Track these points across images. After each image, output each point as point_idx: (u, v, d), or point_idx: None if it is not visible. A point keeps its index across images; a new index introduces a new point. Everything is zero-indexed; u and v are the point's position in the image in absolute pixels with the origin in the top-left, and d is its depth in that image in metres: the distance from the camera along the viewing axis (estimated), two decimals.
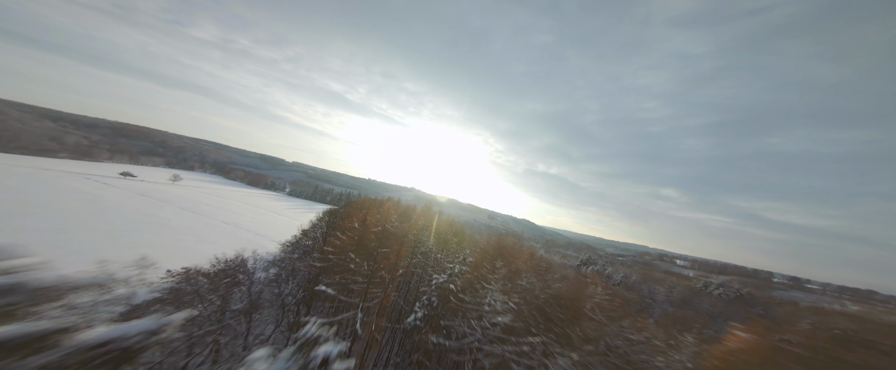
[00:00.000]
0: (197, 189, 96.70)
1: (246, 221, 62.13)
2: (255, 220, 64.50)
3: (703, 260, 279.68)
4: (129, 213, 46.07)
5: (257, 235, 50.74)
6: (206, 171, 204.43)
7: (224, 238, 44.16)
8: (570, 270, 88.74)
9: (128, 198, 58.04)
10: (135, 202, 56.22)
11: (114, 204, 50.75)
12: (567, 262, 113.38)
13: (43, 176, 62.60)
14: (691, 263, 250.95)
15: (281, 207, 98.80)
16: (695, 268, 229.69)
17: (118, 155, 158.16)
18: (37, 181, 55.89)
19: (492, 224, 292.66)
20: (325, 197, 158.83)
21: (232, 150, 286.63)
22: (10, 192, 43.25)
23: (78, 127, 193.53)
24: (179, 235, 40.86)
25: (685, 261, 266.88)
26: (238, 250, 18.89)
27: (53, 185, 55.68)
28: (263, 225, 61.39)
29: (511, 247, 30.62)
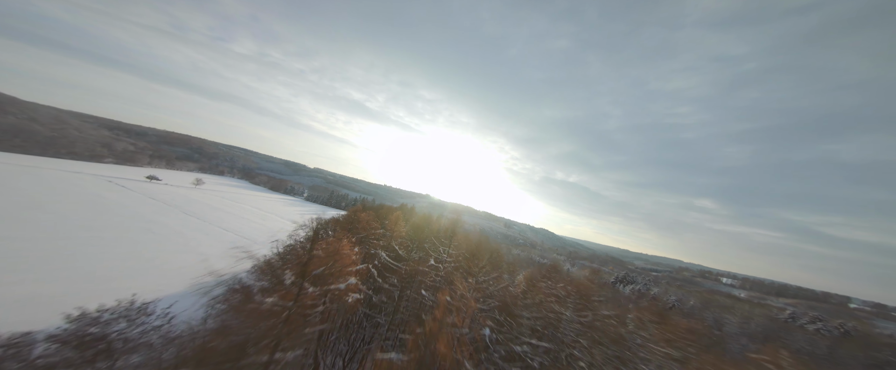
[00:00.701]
0: (214, 193, 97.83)
1: (248, 228, 58.93)
2: (256, 227, 61.21)
3: (754, 278, 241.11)
4: (120, 219, 43.90)
5: (255, 244, 46.46)
6: (233, 175, 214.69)
7: (212, 247, 40.10)
8: (607, 289, 75.70)
9: (134, 202, 57.36)
10: (138, 205, 55.17)
11: (114, 207, 49.47)
12: (598, 279, 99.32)
13: (68, 178, 64.49)
14: (740, 282, 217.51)
15: (293, 213, 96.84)
16: (746, 288, 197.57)
17: (157, 160, 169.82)
18: (56, 183, 56.86)
19: (509, 233, 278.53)
20: (339, 202, 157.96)
21: (260, 156, 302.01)
22: (14, 194, 42.77)
23: (129, 135, 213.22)
24: (160, 244, 37.21)
25: (732, 278, 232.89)
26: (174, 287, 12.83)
27: (69, 187, 56.28)
28: (263, 233, 57.69)
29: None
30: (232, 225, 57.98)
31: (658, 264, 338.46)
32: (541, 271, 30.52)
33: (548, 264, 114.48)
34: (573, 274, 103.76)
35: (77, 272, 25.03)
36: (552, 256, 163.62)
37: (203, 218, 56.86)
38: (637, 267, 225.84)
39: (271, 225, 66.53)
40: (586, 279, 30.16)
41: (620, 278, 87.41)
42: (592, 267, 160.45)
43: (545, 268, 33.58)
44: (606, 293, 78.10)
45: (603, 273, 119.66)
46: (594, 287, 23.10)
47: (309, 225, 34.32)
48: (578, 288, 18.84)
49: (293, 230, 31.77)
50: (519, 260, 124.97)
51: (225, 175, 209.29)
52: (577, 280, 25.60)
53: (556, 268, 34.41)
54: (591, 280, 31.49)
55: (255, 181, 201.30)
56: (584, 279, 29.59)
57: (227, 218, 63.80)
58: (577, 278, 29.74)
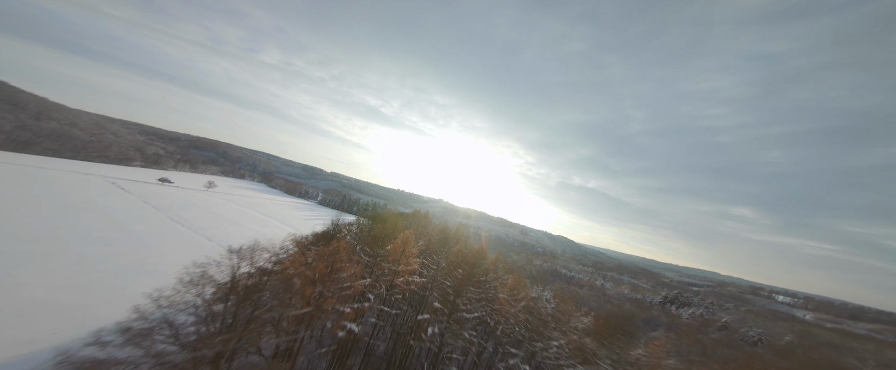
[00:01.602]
0: (222, 196, 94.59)
1: (237, 235, 52.34)
2: (246, 236, 54.57)
3: (816, 297, 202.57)
4: (86, 227, 38.15)
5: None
6: (253, 179, 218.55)
7: (173, 263, 32.91)
8: (655, 313, 61.08)
9: (121, 206, 52.87)
10: (123, 210, 50.38)
11: (93, 211, 44.47)
12: (635, 295, 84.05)
13: (71, 180, 62.09)
14: (802, 301, 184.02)
15: (297, 218, 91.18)
16: (809, 309, 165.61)
17: (183, 163, 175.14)
18: (52, 185, 53.73)
19: (526, 241, 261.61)
20: (351, 207, 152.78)
21: (280, 161, 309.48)
22: (4, 194, 38.50)
23: (163, 140, 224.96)
24: (95, 263, 30.41)
25: (789, 296, 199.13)
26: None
27: (63, 189, 52.83)
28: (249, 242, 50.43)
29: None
30: (219, 232, 51.61)
31: (693, 277, 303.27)
32: (570, 289, 24.29)
33: (578, 279, 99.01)
34: (608, 291, 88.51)
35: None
36: (575, 267, 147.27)
37: (188, 224, 51.03)
38: (673, 280, 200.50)
39: (267, 232, 59.78)
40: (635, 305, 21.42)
41: (670, 298, 72.20)
42: (629, 282, 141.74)
43: (576, 286, 25.28)
44: (658, 318, 62.31)
45: (642, 289, 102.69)
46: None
47: (299, 239, 26.01)
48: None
49: (282, 239, 23.48)
50: (542, 272, 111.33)
51: (245, 178, 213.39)
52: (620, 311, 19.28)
53: (591, 286, 25.89)
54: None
55: (272, 184, 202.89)
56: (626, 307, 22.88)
57: (220, 224, 57.88)
58: (616, 301, 20.63)
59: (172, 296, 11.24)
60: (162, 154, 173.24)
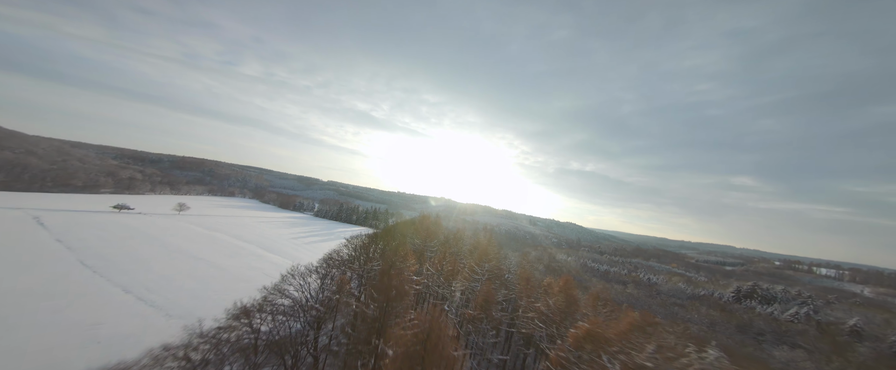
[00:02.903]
0: (193, 220, 78.71)
1: (174, 290, 36.94)
2: (191, 290, 39.04)
3: (866, 267, 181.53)
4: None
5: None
6: (244, 195, 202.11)
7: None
8: (727, 313, 46.39)
9: (20, 246, 37.21)
10: (17, 253, 34.76)
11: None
12: (696, 290, 69.00)
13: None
14: (849, 274, 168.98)
15: (284, 239, 75.73)
16: (859, 281, 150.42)
17: (163, 186, 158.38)
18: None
19: (536, 231, 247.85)
20: (350, 216, 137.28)
21: (274, 174, 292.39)
22: None
23: (142, 162, 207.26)
24: None
25: (833, 269, 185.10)
26: None
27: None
28: (184, 308, 35.29)
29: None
30: (151, 279, 36.11)
31: (713, 253, 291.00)
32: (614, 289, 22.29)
33: (614, 274, 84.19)
34: (661, 288, 73.82)
35: None
36: (600, 258, 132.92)
37: (106, 271, 35.44)
38: (699, 261, 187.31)
39: (229, 272, 44.21)
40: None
41: (745, 293, 57.94)
42: (661, 269, 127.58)
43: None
44: (753, 323, 45.93)
45: (693, 280, 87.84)
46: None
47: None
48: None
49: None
50: (573, 270, 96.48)
51: (235, 196, 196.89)
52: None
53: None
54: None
55: (264, 199, 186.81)
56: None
57: (166, 263, 42.30)
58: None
59: None
60: (138, 178, 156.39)
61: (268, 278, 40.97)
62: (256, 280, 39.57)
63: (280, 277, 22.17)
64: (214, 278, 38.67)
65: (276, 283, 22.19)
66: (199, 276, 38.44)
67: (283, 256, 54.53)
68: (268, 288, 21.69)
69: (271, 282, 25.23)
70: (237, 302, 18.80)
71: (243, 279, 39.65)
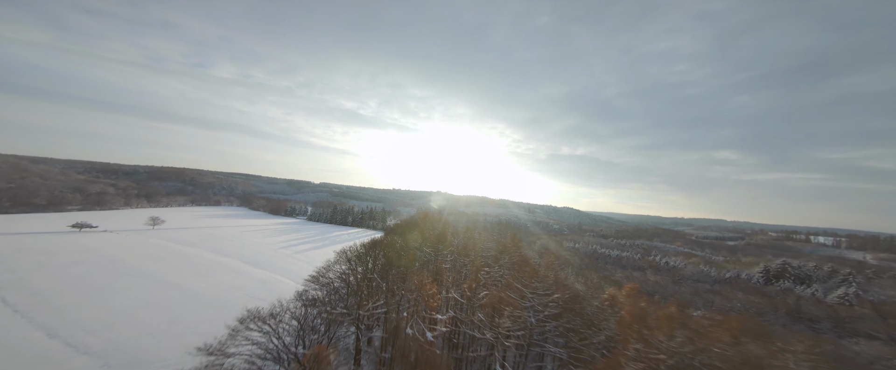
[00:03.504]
0: (165, 235, 70.06)
1: (124, 317, 29.49)
2: (142, 317, 31.63)
3: (862, 233, 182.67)
4: None
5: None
6: (231, 203, 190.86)
7: None
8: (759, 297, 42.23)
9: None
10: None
11: None
12: (716, 273, 64.00)
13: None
14: (846, 241, 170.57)
15: (270, 249, 68.21)
16: (856, 247, 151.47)
17: (139, 199, 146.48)
18: None
19: (536, 219, 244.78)
20: (345, 217, 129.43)
21: (262, 180, 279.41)
22: None
23: (115, 175, 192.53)
24: None
25: (830, 237, 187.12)
26: None
27: None
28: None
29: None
30: (98, 321, 28.61)
31: (709, 228, 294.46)
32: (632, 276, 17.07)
33: (626, 259, 79.44)
34: (683, 271, 69.41)
35: None
36: (606, 242, 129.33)
37: (29, 313, 27.62)
38: (702, 237, 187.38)
39: (190, 313, 36.87)
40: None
41: (775, 272, 53.83)
42: (667, 248, 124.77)
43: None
44: (804, 309, 40.99)
45: (717, 262, 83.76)
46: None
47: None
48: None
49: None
50: (582, 257, 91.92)
51: (221, 205, 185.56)
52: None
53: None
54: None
55: (253, 206, 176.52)
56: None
57: (118, 297, 34.65)
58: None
59: None
60: (110, 192, 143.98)
61: (250, 300, 33.85)
62: (234, 303, 32.40)
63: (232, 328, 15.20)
64: (180, 306, 31.36)
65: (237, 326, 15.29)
66: (159, 306, 31.06)
67: (270, 270, 47.24)
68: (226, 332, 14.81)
69: (254, 304, 18.68)
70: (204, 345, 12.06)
71: (217, 304, 32.48)
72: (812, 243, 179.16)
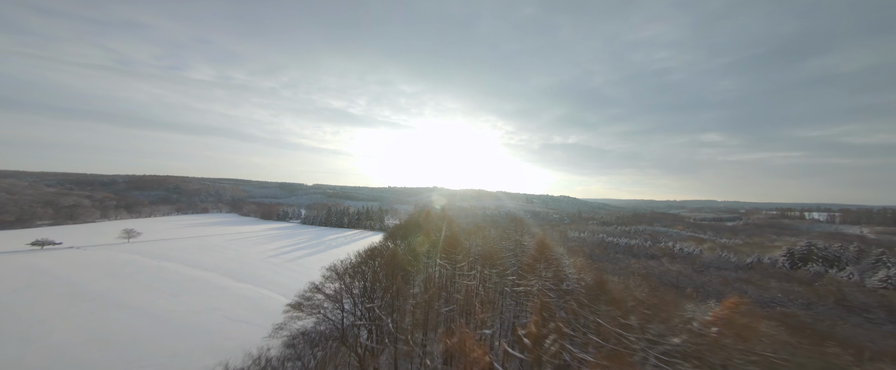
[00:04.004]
0: (139, 249, 63.16)
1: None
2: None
3: (854, 207, 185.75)
4: None
5: None
6: (220, 210, 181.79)
7: None
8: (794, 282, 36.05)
9: None
10: None
11: None
12: (732, 257, 59.68)
13: None
14: (839, 216, 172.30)
15: (258, 259, 62.14)
16: (850, 222, 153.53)
17: (118, 210, 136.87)
18: None
19: (536, 209, 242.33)
20: (341, 219, 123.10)
21: (252, 184, 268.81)
22: None
23: (91, 186, 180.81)
24: None
25: (823, 212, 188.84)
26: None
27: None
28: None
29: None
30: (22, 365, 22.63)
31: (701, 209, 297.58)
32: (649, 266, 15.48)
33: (639, 248, 75.36)
34: (703, 258, 65.27)
35: None
36: (611, 230, 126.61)
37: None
38: (701, 220, 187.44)
39: (153, 344, 30.90)
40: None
41: (800, 255, 50.70)
42: (670, 233, 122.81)
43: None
44: (853, 296, 35.70)
45: (732, 246, 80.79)
46: None
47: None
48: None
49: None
50: (585, 244, 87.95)
51: (209, 212, 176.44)
52: None
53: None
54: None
55: (243, 212, 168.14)
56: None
57: (62, 329, 28.54)
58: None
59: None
60: (85, 204, 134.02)
61: (227, 325, 28.20)
62: (209, 329, 26.77)
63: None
64: (140, 337, 25.54)
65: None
66: (113, 338, 25.18)
67: (257, 284, 41.40)
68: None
69: (233, 329, 13.55)
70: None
71: (188, 331, 26.74)
72: (807, 220, 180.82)
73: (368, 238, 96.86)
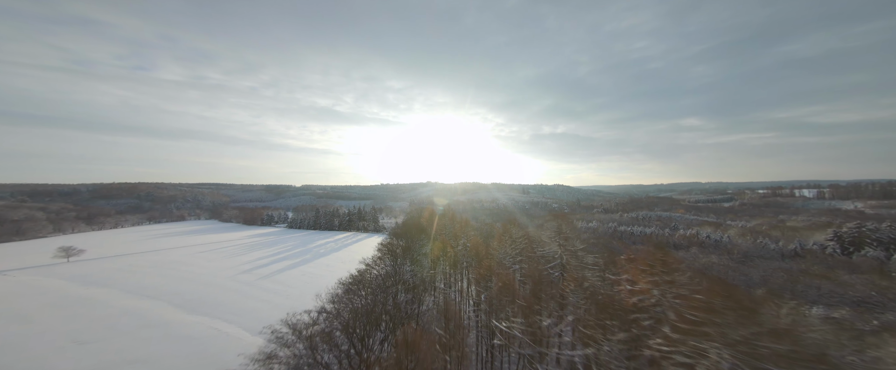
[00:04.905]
0: (62, 274, 51.28)
1: None
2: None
3: (843, 183, 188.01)
4: None
5: None
6: (198, 217, 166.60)
7: None
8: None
9: None
10: None
11: None
12: (771, 244, 50.20)
13: None
14: (829, 192, 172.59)
15: (228, 275, 51.42)
16: (839, 197, 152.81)
17: (75, 223, 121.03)
18: None
19: (535, 199, 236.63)
20: (331, 221, 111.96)
21: (236, 188, 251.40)
22: None
23: (49, 197, 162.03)
24: None
25: (813, 189, 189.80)
26: None
27: None
28: None
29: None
30: None
31: (690, 191, 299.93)
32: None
33: (654, 236, 68.38)
34: (741, 246, 56.26)
35: None
36: (617, 218, 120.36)
37: None
38: (696, 202, 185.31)
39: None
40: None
41: (849, 239, 44.71)
42: (676, 218, 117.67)
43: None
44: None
45: (763, 230, 74.00)
46: None
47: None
48: None
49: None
50: (598, 235, 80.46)
51: (186, 219, 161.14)
52: None
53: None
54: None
55: (223, 218, 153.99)
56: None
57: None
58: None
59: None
60: (38, 217, 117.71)
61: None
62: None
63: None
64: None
65: None
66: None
67: (214, 315, 31.15)
68: None
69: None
70: None
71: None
72: (797, 197, 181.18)
73: (361, 241, 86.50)
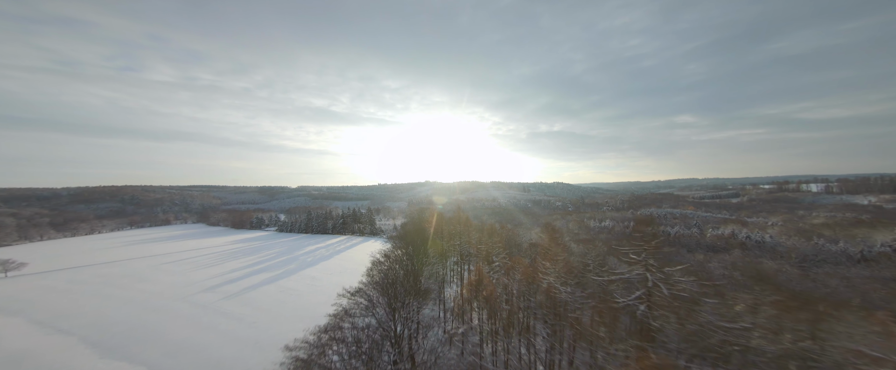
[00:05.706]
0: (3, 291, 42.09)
1: None
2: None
3: (852, 177, 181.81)
4: None
5: None
6: (186, 221, 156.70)
7: None
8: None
9: None
10: None
11: None
12: (824, 245, 41.13)
13: None
14: (836, 186, 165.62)
15: (194, 293, 42.65)
16: (849, 191, 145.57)
17: (45, 229, 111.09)
18: None
19: (532, 197, 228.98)
20: (324, 223, 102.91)
21: (228, 190, 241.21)
22: None
23: (25, 202, 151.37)
24: None
25: (820, 183, 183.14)
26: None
27: None
28: None
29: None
30: None
31: (689, 188, 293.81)
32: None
33: (680, 236, 59.91)
34: (803, 248, 45.52)
35: None
36: (631, 214, 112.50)
37: None
38: (703, 198, 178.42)
39: None
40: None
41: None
42: (692, 215, 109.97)
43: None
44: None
45: (803, 230, 65.16)
46: None
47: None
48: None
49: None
50: (611, 236, 72.03)
51: (172, 223, 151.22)
52: None
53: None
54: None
55: (211, 221, 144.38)
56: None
57: None
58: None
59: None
60: (6, 224, 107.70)
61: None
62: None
63: None
64: None
65: None
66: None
67: (133, 362, 22.39)
68: None
69: None
70: None
71: None
72: (805, 192, 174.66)
73: (355, 246, 76.82)
